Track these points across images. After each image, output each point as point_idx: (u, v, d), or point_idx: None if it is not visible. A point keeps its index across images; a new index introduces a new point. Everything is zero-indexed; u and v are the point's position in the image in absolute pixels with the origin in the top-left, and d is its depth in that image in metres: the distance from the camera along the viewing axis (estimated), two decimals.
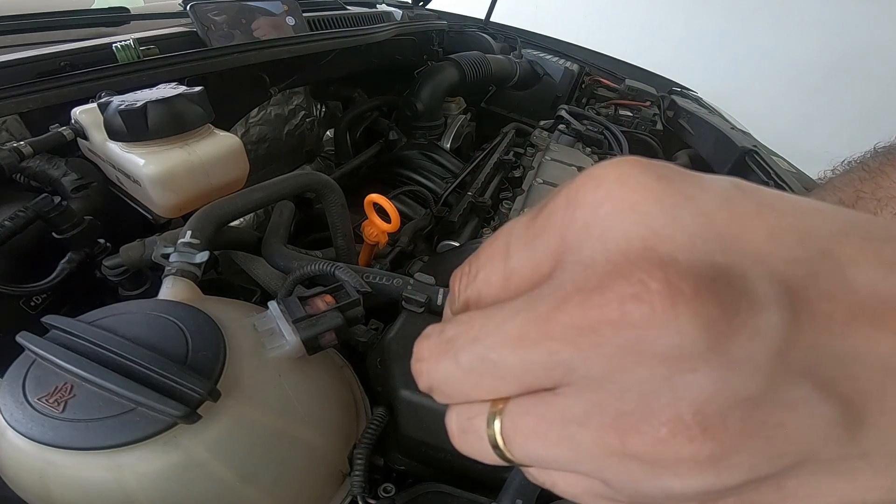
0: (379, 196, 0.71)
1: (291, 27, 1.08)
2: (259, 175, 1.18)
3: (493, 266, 0.15)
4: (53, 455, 0.31)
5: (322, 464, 0.42)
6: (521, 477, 0.38)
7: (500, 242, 0.15)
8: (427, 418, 0.43)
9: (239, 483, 0.35)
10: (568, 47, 1.75)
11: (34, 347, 0.33)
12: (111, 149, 0.60)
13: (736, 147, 1.13)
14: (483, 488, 0.44)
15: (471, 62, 1.31)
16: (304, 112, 1.33)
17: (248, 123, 1.15)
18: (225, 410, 0.35)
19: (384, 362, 0.46)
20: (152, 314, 0.38)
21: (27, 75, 0.67)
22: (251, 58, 0.85)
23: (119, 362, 0.33)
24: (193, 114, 0.61)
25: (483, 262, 0.15)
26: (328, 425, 0.43)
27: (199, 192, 0.62)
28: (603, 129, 1.25)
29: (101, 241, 0.61)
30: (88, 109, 0.62)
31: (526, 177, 0.97)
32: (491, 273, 0.15)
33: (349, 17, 1.26)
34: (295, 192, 0.62)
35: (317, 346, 0.40)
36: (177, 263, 0.47)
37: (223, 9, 0.97)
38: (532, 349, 0.12)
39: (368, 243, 0.76)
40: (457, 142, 1.36)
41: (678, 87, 1.62)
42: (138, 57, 0.76)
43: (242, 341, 0.39)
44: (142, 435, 0.31)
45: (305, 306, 0.41)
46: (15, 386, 0.33)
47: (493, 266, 0.15)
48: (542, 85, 1.58)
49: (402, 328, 0.48)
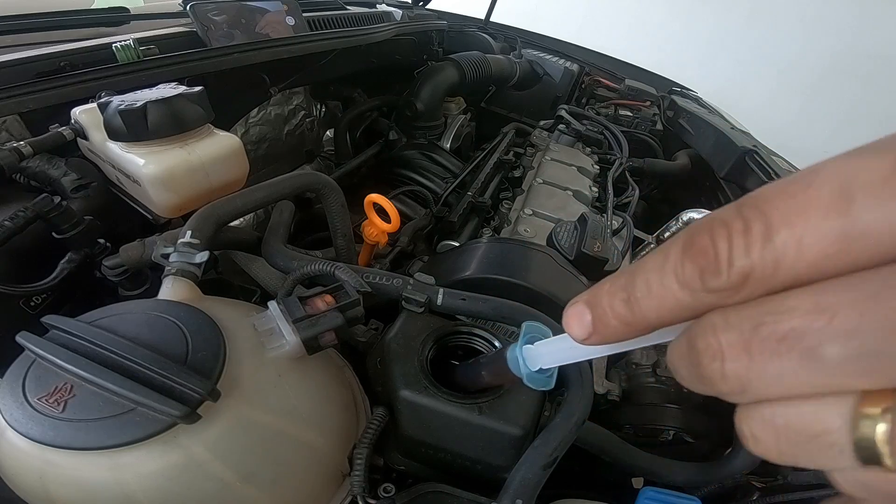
0: (379, 196, 0.71)
1: (291, 27, 1.08)
2: (259, 175, 1.18)
3: (818, 223, 0.11)
4: (53, 455, 0.31)
5: (322, 464, 0.42)
6: (521, 477, 0.38)
7: (825, 190, 0.11)
8: (427, 418, 0.43)
9: (239, 483, 0.35)
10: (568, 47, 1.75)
11: (34, 347, 0.33)
12: (111, 149, 0.60)
13: (736, 147, 1.14)
14: (483, 488, 0.44)
15: (471, 62, 1.31)
16: (304, 112, 1.33)
17: (248, 123, 1.15)
18: (225, 410, 0.35)
19: (384, 362, 0.46)
20: (152, 314, 0.38)
21: (27, 75, 0.67)
22: (251, 58, 0.85)
23: (119, 362, 0.33)
24: (193, 114, 0.61)
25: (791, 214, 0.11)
26: (328, 425, 0.43)
27: (199, 192, 0.62)
28: (603, 129, 1.25)
29: (101, 241, 0.61)
30: (88, 109, 0.62)
31: (526, 177, 0.97)
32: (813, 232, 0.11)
33: (349, 17, 1.26)
34: (295, 192, 0.62)
35: (317, 346, 0.40)
36: (177, 263, 0.47)
37: (223, 9, 0.97)
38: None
39: (368, 243, 0.76)
40: (457, 142, 1.36)
41: (678, 87, 1.62)
42: (138, 57, 0.77)
43: (242, 341, 0.39)
44: (142, 435, 0.31)
45: (305, 306, 0.41)
46: (15, 386, 0.33)
47: (818, 223, 0.11)
48: (542, 85, 1.58)
49: (402, 328, 0.48)
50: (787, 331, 0.11)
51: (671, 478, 0.58)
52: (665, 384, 0.73)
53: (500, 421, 0.42)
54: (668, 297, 0.13)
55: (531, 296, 0.57)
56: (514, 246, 0.64)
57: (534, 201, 0.88)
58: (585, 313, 0.15)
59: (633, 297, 0.14)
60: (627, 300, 0.14)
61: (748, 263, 0.11)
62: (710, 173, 1.24)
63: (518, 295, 0.55)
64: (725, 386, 0.13)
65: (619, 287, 0.14)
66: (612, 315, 0.14)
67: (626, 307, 0.14)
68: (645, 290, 0.13)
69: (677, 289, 0.13)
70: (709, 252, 0.12)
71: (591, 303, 0.15)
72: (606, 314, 0.14)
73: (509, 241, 0.66)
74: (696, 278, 0.12)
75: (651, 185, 1.36)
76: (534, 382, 0.27)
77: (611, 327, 0.14)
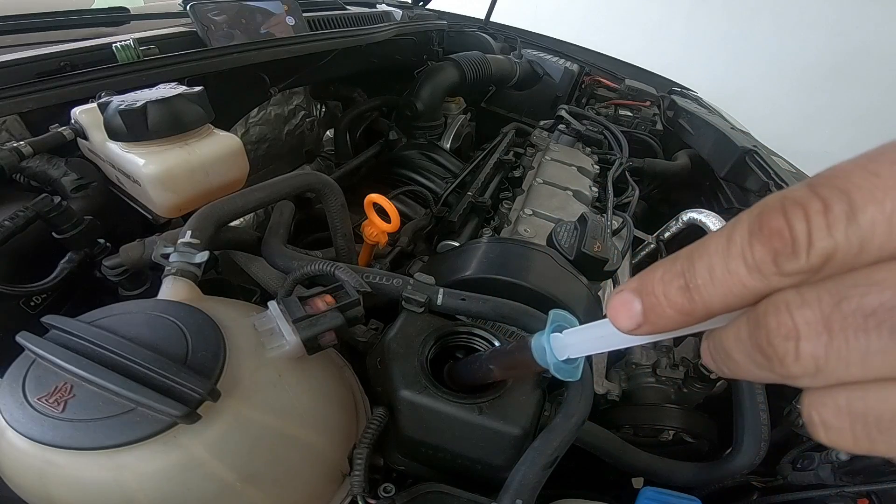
0: (379, 196, 0.71)
1: (291, 27, 1.08)
2: (259, 175, 1.18)
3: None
4: (53, 455, 0.31)
5: (322, 464, 0.42)
6: (521, 476, 0.38)
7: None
8: (427, 418, 0.43)
9: (239, 483, 0.35)
10: (568, 47, 1.75)
11: (34, 347, 0.33)
12: (111, 149, 0.60)
13: (736, 147, 1.14)
14: (483, 488, 0.44)
15: (471, 62, 1.32)
16: (304, 112, 1.33)
17: (248, 123, 1.15)
18: (225, 410, 0.35)
19: (384, 362, 0.46)
20: (152, 314, 0.38)
21: (27, 75, 0.67)
22: (251, 58, 0.85)
23: (119, 362, 0.33)
24: (193, 114, 0.61)
25: (877, 192, 0.10)
26: (328, 425, 0.43)
27: (199, 192, 0.62)
28: (603, 129, 1.25)
29: (101, 241, 0.61)
30: (88, 109, 0.62)
31: (526, 177, 0.97)
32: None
33: (349, 17, 1.26)
34: (295, 192, 0.62)
35: (317, 346, 0.40)
36: (177, 263, 0.47)
37: (223, 9, 0.97)
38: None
39: (368, 243, 0.76)
40: (457, 142, 1.37)
41: (678, 87, 1.62)
42: (138, 57, 0.77)
43: (242, 341, 0.39)
44: (142, 435, 0.31)
45: (305, 306, 0.41)
46: (15, 386, 0.33)
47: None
48: (542, 85, 1.58)
49: (402, 328, 0.48)
50: (877, 305, 0.10)
51: (671, 478, 0.58)
52: (665, 384, 0.73)
53: (500, 421, 0.42)
54: (734, 284, 0.12)
55: (531, 296, 0.57)
56: (514, 246, 0.64)
57: (534, 201, 0.88)
58: (634, 302, 0.14)
59: (694, 285, 0.12)
60: (685, 287, 0.13)
61: (831, 244, 0.11)
62: (710, 173, 1.24)
63: (518, 295, 0.55)
64: (798, 368, 0.12)
65: (675, 273, 0.13)
66: (667, 304, 0.13)
67: (684, 295, 0.13)
68: (707, 276, 0.12)
69: (745, 274, 0.12)
70: (784, 234, 0.11)
71: (641, 291, 0.14)
72: (660, 303, 0.13)
73: (509, 241, 0.66)
74: (768, 262, 0.11)
75: (651, 185, 1.36)
76: (561, 373, 0.26)
77: (665, 317, 0.13)
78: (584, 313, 0.61)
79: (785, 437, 0.68)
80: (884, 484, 0.52)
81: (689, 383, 0.72)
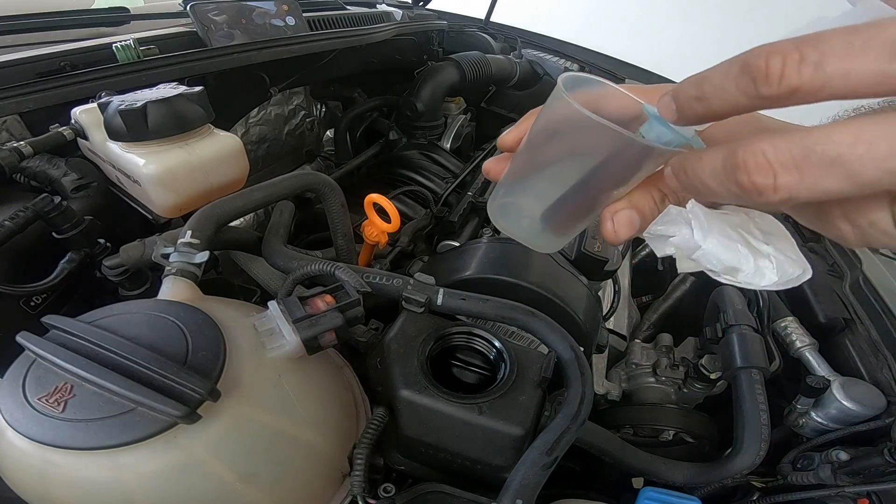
0: (379, 196, 0.71)
1: (291, 27, 1.08)
2: (259, 175, 1.18)
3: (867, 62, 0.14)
4: (53, 455, 0.31)
5: (322, 464, 0.42)
6: (521, 477, 0.39)
7: (883, 43, 0.14)
8: (427, 418, 0.43)
9: (239, 483, 0.35)
10: (568, 47, 1.75)
11: (34, 347, 0.33)
12: (111, 149, 0.60)
13: None
14: (483, 488, 0.44)
15: (471, 62, 1.31)
16: (304, 112, 1.33)
17: (248, 123, 1.15)
18: (225, 410, 0.35)
19: (384, 362, 0.46)
20: (152, 314, 0.38)
21: (27, 75, 0.67)
22: (251, 58, 0.85)
23: (119, 362, 0.33)
24: (193, 114, 0.61)
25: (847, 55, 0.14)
26: (328, 425, 0.43)
27: (199, 192, 0.62)
28: None
29: (101, 241, 0.61)
30: (88, 109, 0.62)
31: None
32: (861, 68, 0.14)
33: (349, 17, 1.26)
34: (295, 192, 0.62)
35: (317, 346, 0.40)
36: (177, 263, 0.47)
37: (223, 9, 0.97)
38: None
39: (368, 243, 0.76)
40: (457, 142, 1.37)
41: None
42: (138, 57, 0.76)
43: (242, 341, 0.39)
44: (142, 435, 0.31)
45: (305, 306, 0.41)
46: (15, 386, 0.33)
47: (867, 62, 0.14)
48: (542, 85, 1.58)
49: (402, 328, 0.48)
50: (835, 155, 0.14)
51: (671, 478, 0.58)
52: (665, 384, 0.73)
53: (500, 421, 0.42)
54: (728, 98, 0.17)
55: (531, 296, 0.57)
56: (515, 246, 0.64)
57: None
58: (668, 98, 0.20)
59: (703, 95, 0.18)
60: (699, 97, 0.18)
61: (797, 82, 0.15)
62: None
63: (518, 295, 0.55)
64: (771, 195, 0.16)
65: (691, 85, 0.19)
66: (687, 106, 0.19)
67: (699, 102, 0.19)
68: (710, 91, 0.18)
69: (735, 91, 0.17)
70: (762, 70, 0.15)
71: (675, 95, 0.20)
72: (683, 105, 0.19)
73: (509, 241, 0.66)
74: (751, 86, 0.16)
75: None
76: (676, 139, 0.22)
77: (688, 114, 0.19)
78: (584, 313, 0.61)
79: (785, 437, 0.68)
80: (884, 484, 0.52)
81: (689, 383, 0.72)
